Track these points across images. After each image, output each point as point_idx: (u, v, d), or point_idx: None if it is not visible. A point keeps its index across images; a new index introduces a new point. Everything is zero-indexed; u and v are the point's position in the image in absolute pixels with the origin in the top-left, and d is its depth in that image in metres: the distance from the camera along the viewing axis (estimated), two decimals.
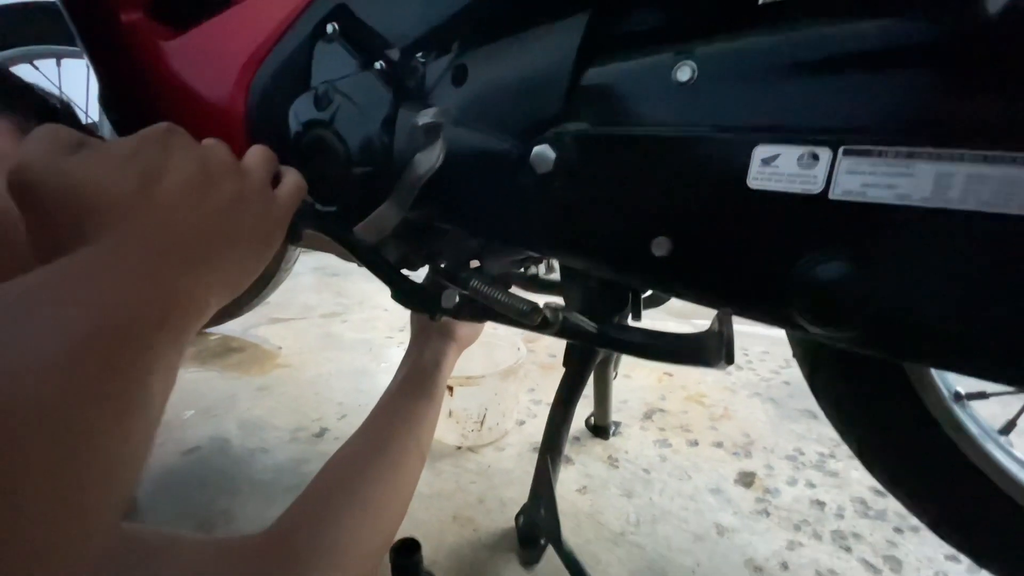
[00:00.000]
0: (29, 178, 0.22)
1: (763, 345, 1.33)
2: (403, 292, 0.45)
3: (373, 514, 0.39)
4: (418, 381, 0.53)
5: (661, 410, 1.01)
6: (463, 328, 0.62)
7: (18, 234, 0.24)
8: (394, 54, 0.44)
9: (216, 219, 0.26)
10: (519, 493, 0.74)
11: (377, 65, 0.44)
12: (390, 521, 0.42)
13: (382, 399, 0.51)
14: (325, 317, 1.57)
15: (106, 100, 0.56)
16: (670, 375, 1.16)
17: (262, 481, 0.78)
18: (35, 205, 0.23)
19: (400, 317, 1.55)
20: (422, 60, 0.44)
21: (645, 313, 0.49)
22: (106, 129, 0.64)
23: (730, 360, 0.32)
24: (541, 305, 0.39)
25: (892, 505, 0.73)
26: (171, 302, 0.22)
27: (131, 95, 0.58)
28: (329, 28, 0.45)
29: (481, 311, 0.43)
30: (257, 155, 0.32)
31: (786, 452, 0.88)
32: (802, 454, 0.87)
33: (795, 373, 1.14)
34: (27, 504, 0.13)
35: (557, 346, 1.33)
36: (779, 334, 0.43)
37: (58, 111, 0.42)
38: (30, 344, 0.16)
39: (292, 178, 0.33)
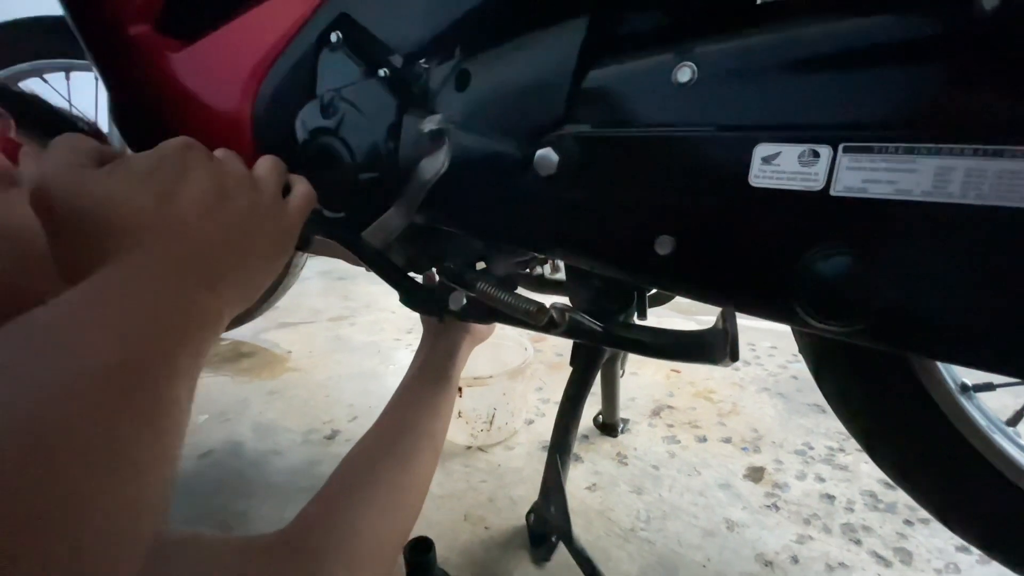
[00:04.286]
0: (51, 195, 0.23)
1: (771, 340, 1.32)
2: (410, 295, 0.46)
3: (388, 511, 0.39)
4: (432, 372, 0.54)
5: (669, 407, 1.02)
6: None
7: (43, 248, 0.24)
8: (398, 61, 0.45)
9: (231, 234, 0.27)
10: (529, 491, 0.75)
11: (381, 72, 0.44)
12: (405, 517, 0.42)
13: (397, 392, 0.52)
14: (333, 321, 1.58)
15: (116, 111, 0.57)
16: (678, 372, 1.17)
17: (276, 483, 0.79)
18: (57, 221, 0.24)
19: (408, 319, 1.56)
20: (425, 66, 0.44)
21: (651, 311, 0.49)
22: (116, 140, 0.65)
23: (735, 357, 0.32)
24: (547, 305, 0.39)
25: (902, 498, 0.73)
26: (191, 319, 0.23)
27: (140, 106, 0.59)
28: (333, 37, 0.46)
29: (488, 312, 0.44)
30: (267, 166, 0.32)
31: (795, 447, 0.88)
32: (811, 448, 0.87)
33: (803, 368, 1.14)
34: (79, 535, 0.14)
35: (564, 345, 1.33)
36: (786, 329, 0.43)
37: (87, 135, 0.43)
38: (59, 374, 0.17)
39: (302, 188, 0.34)
